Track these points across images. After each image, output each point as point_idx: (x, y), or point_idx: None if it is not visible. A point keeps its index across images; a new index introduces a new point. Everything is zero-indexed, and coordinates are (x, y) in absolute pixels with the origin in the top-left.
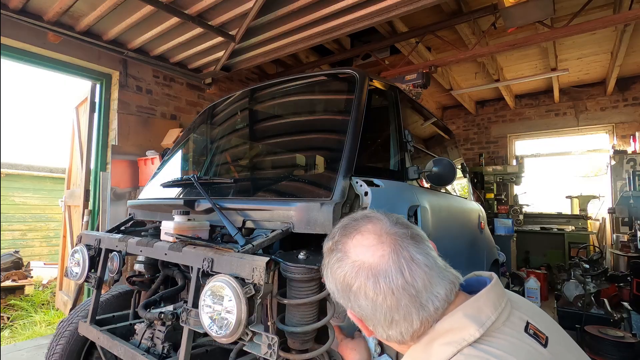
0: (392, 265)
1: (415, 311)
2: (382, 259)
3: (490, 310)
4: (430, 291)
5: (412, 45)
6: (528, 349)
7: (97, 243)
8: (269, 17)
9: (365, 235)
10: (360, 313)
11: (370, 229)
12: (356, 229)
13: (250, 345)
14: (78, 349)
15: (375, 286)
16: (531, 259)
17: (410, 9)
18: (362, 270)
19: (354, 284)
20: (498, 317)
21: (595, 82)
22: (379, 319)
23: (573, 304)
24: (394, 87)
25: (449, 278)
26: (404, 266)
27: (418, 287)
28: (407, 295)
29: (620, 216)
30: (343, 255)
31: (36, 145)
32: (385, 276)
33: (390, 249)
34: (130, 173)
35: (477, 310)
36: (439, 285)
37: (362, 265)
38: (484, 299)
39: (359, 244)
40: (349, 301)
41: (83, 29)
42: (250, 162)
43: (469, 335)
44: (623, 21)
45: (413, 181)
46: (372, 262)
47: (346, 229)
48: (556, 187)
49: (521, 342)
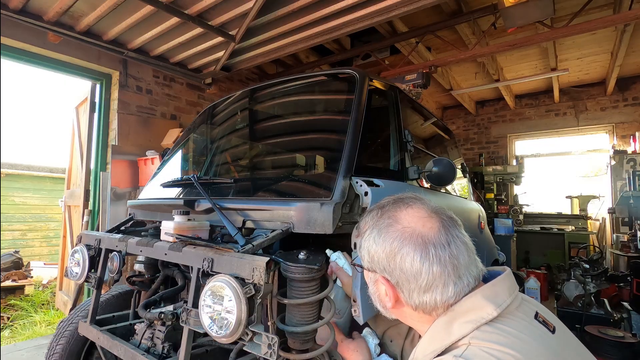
0: (441, 237)
1: (453, 280)
2: (432, 230)
3: (505, 294)
4: (467, 268)
5: (412, 45)
6: (539, 332)
7: (97, 243)
8: (269, 17)
9: (415, 208)
10: (399, 278)
11: (420, 205)
12: (407, 203)
13: (250, 345)
14: (78, 349)
15: (425, 253)
16: (531, 259)
17: (410, 9)
18: (413, 237)
19: (402, 247)
20: (512, 302)
21: (595, 82)
22: (420, 284)
23: (573, 304)
24: (394, 87)
25: (478, 262)
26: (451, 240)
27: (460, 261)
28: (451, 265)
29: (620, 216)
30: (394, 221)
31: (36, 145)
32: (434, 245)
33: (439, 224)
34: (130, 173)
35: (494, 293)
36: (473, 266)
37: (413, 232)
38: (500, 285)
39: (411, 214)
40: (392, 263)
41: (83, 29)
42: (250, 162)
43: (487, 314)
44: (623, 21)
45: (413, 181)
46: (423, 231)
47: (397, 202)
48: (556, 187)
49: (532, 325)
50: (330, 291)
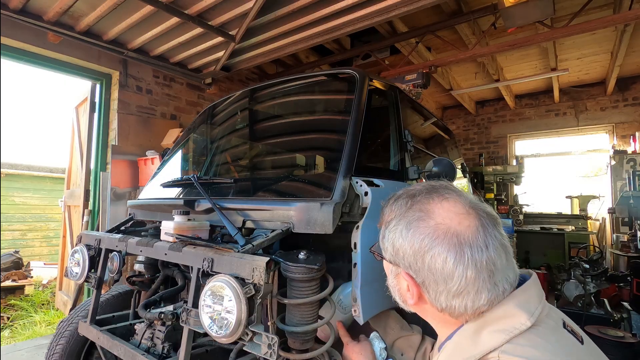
0: (479, 237)
1: (488, 287)
2: (469, 229)
3: (536, 300)
4: (504, 272)
5: (412, 45)
6: (570, 343)
7: (97, 243)
8: (269, 17)
9: (452, 202)
10: (426, 277)
11: (457, 198)
12: (441, 195)
13: (250, 345)
14: (78, 349)
15: (459, 255)
16: (531, 259)
17: (410, 9)
18: (447, 236)
19: (434, 247)
20: (542, 309)
21: (595, 82)
22: (450, 288)
23: (573, 304)
24: (394, 87)
25: (515, 264)
26: (489, 242)
27: (497, 265)
28: (487, 271)
29: (620, 216)
30: (425, 215)
31: (36, 145)
32: (470, 247)
33: (478, 222)
34: (130, 173)
35: (526, 299)
36: (510, 269)
37: (448, 230)
38: (531, 290)
39: (446, 209)
40: (419, 263)
41: (83, 29)
42: (250, 162)
43: (520, 324)
44: (623, 21)
45: (413, 181)
46: (459, 229)
47: (430, 192)
48: (556, 187)
49: (563, 336)
50: (330, 291)
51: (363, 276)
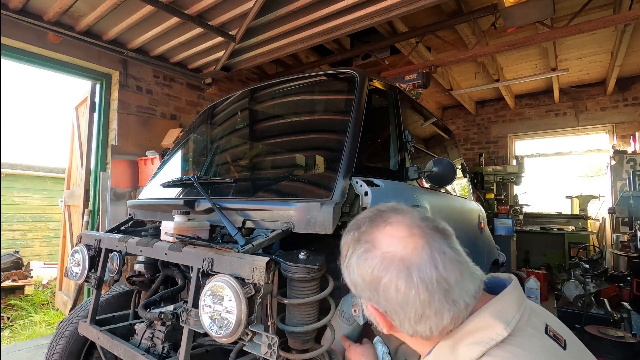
0: (425, 258)
1: (447, 307)
2: (414, 251)
3: (514, 308)
4: (462, 287)
5: (412, 45)
6: (552, 351)
7: (97, 243)
8: (269, 17)
9: (395, 226)
10: (386, 307)
11: (400, 220)
12: (385, 220)
13: (250, 345)
14: (78, 349)
15: (408, 280)
16: (531, 259)
17: (410, 9)
18: (394, 263)
19: (384, 277)
20: (521, 317)
21: (595, 82)
22: (409, 314)
23: (573, 304)
24: (394, 87)
25: (476, 275)
26: (437, 260)
27: (451, 281)
28: (441, 290)
29: (620, 216)
30: (371, 246)
31: (36, 145)
32: (419, 269)
33: (423, 241)
34: (130, 173)
35: (502, 308)
36: (470, 281)
37: (394, 257)
38: (507, 298)
39: (389, 235)
40: (375, 295)
41: (83, 29)
42: (250, 162)
43: (496, 334)
44: (623, 21)
45: (413, 181)
46: (405, 254)
47: (374, 219)
48: (556, 187)
49: (543, 343)
50: (330, 291)
51: None
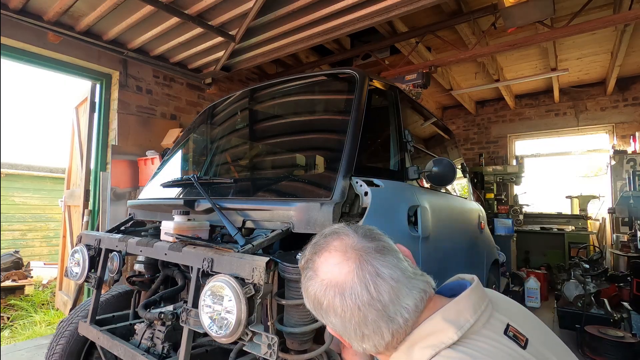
0: (357, 281)
1: (384, 325)
2: (347, 275)
3: (469, 313)
4: (398, 304)
5: (412, 45)
6: (506, 351)
7: (97, 243)
8: (269, 17)
9: (332, 252)
10: (335, 327)
11: (337, 246)
12: (324, 247)
13: (250, 345)
14: (78, 349)
15: (343, 303)
16: (531, 259)
17: (410, 9)
18: (330, 288)
19: (323, 301)
20: (477, 320)
21: (595, 82)
22: (350, 334)
23: (573, 304)
24: (394, 87)
25: (418, 287)
26: (368, 281)
27: (384, 301)
28: (374, 310)
29: (620, 216)
30: (313, 273)
31: (36, 145)
32: (350, 293)
33: (355, 265)
34: (130, 173)
35: (456, 313)
36: (408, 297)
37: (330, 283)
38: (463, 303)
39: (326, 262)
40: (322, 317)
41: (83, 29)
42: (250, 162)
43: (447, 338)
44: (623, 21)
45: (413, 181)
46: (339, 279)
47: (315, 247)
48: (556, 187)
49: (499, 344)
50: None
51: None
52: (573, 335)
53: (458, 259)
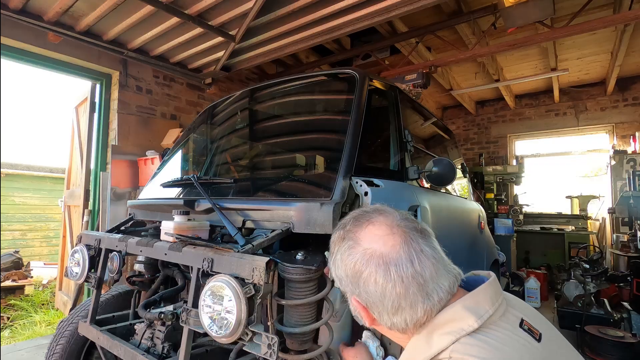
0: (402, 254)
1: (421, 300)
2: (393, 248)
3: (488, 304)
4: (436, 282)
5: (412, 45)
6: (522, 342)
7: (97, 243)
8: (269, 17)
9: (377, 225)
10: (367, 300)
11: (382, 220)
12: (368, 220)
13: (250, 345)
14: (78, 349)
15: (386, 274)
16: (531, 259)
17: (410, 9)
18: (374, 258)
19: (364, 270)
20: (495, 312)
21: (595, 82)
22: (386, 306)
23: (573, 304)
24: (394, 87)
25: (452, 272)
26: (414, 256)
27: (426, 277)
28: (416, 284)
29: (620, 216)
30: (354, 243)
31: (36, 145)
32: (396, 265)
33: (401, 240)
34: (130, 173)
35: (475, 303)
36: (444, 278)
37: (374, 253)
38: (482, 294)
39: (371, 233)
40: (357, 287)
41: (83, 29)
42: (250, 162)
43: (468, 325)
44: (623, 21)
45: (413, 181)
46: (384, 251)
47: (358, 219)
48: (556, 187)
49: (516, 336)
50: (328, 292)
51: None
52: (573, 335)
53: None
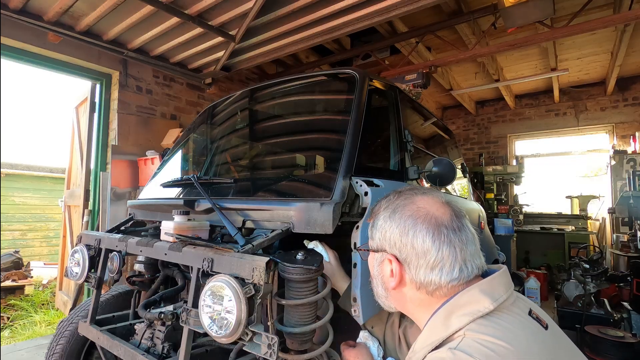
0: (453, 223)
1: (459, 264)
2: (445, 214)
3: (502, 289)
4: (473, 256)
5: (412, 45)
6: (532, 328)
7: (97, 243)
8: (269, 17)
9: (430, 196)
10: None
11: (435, 194)
12: (422, 191)
13: (250, 345)
14: (78, 349)
15: (437, 232)
16: (531, 259)
17: (410, 9)
18: (427, 217)
19: (416, 225)
20: (508, 298)
21: (595, 82)
22: (428, 260)
23: (573, 304)
24: (394, 87)
25: (482, 256)
26: (462, 228)
27: (467, 247)
28: (459, 249)
29: (620, 216)
30: (409, 202)
31: (36, 145)
32: (446, 227)
33: (452, 212)
34: (130, 173)
35: (491, 287)
36: (478, 256)
37: (428, 212)
38: (497, 280)
39: (426, 199)
40: (404, 239)
41: (83, 29)
42: (250, 162)
43: (483, 307)
44: (623, 21)
45: (413, 181)
46: (437, 214)
47: (413, 189)
48: (556, 187)
49: (527, 321)
50: (328, 292)
51: (363, 276)
52: (573, 335)
53: None
